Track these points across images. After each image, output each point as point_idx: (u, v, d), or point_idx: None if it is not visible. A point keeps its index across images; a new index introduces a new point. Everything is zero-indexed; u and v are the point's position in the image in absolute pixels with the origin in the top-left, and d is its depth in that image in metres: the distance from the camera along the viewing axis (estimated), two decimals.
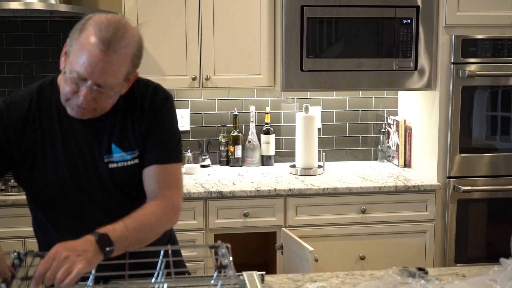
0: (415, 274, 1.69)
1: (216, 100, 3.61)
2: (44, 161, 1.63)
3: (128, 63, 1.53)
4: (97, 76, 1.49)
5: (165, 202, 1.63)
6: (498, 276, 1.63)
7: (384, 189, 3.13)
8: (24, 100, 1.64)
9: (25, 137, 1.62)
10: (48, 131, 1.64)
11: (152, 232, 1.58)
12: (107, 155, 1.64)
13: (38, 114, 1.64)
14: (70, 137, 1.64)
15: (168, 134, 1.69)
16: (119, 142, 1.65)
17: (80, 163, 1.64)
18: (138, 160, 1.67)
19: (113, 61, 1.49)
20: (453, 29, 3.15)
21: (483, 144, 3.25)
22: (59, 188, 1.65)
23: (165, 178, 1.66)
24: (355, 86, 3.29)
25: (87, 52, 1.47)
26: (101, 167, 1.65)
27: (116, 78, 1.52)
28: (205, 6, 3.20)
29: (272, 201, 3.08)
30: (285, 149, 3.69)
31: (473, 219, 3.27)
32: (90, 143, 1.65)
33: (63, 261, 1.33)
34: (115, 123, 1.65)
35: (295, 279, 1.76)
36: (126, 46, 1.50)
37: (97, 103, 1.55)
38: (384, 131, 3.70)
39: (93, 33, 1.48)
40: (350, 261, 3.15)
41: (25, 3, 2.94)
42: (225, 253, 1.47)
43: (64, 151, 1.64)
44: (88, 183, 1.66)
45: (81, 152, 1.64)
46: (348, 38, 3.19)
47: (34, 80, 3.59)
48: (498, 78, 3.17)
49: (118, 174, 1.65)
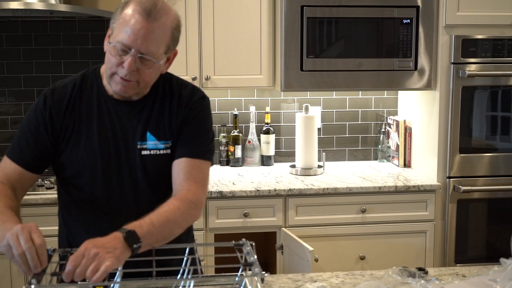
0: (415, 274, 1.69)
1: (216, 100, 3.61)
2: (78, 142, 1.69)
3: (168, 33, 1.63)
4: (139, 43, 1.57)
5: (190, 197, 1.65)
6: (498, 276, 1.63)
7: (384, 189, 3.13)
8: (67, 86, 1.73)
9: (65, 119, 1.69)
10: (85, 114, 1.70)
11: (177, 228, 1.61)
12: (141, 141, 1.71)
13: (78, 98, 1.71)
14: (106, 121, 1.70)
15: (201, 131, 1.76)
16: (155, 131, 1.71)
17: (113, 146, 1.70)
18: (170, 150, 1.72)
19: (154, 28, 1.58)
20: (453, 29, 3.15)
21: (483, 144, 3.25)
22: (89, 169, 1.70)
23: (193, 172, 1.70)
24: (355, 86, 3.29)
25: (131, 22, 1.57)
26: (133, 152, 1.70)
27: (158, 46, 1.61)
28: (205, 6, 3.20)
29: (272, 201, 3.08)
30: (285, 149, 3.70)
31: (473, 219, 3.27)
32: (125, 129, 1.71)
33: (92, 258, 1.35)
34: (152, 112, 1.72)
35: (295, 279, 1.76)
36: (165, 15, 1.61)
37: (140, 75, 1.62)
38: (384, 131, 3.70)
39: (134, 6, 1.59)
40: (350, 261, 3.15)
41: (25, 3, 2.94)
42: (250, 251, 1.48)
43: (98, 134, 1.70)
44: (117, 167, 1.70)
45: (115, 136, 1.70)
46: (348, 38, 3.19)
47: (34, 80, 3.63)
48: (498, 78, 3.17)
49: (149, 161, 1.71)
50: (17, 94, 3.45)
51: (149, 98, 1.73)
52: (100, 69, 1.76)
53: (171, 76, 1.83)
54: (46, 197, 2.87)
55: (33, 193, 2.91)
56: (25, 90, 3.45)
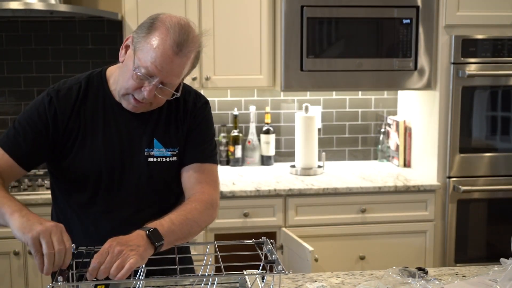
0: (415, 274, 1.69)
1: (216, 100, 3.61)
2: (83, 147, 1.68)
3: (190, 64, 1.62)
4: (165, 75, 1.56)
5: (206, 198, 1.68)
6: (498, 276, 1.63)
7: (384, 189, 3.14)
8: (73, 88, 1.70)
9: (69, 123, 1.67)
10: (91, 119, 1.69)
11: (196, 226, 1.62)
12: (148, 148, 1.70)
13: (84, 102, 1.69)
14: (112, 127, 1.69)
15: (207, 136, 1.78)
16: (162, 138, 1.72)
17: (118, 152, 1.69)
18: (176, 158, 1.73)
19: (182, 63, 1.58)
20: (453, 29, 3.15)
21: (483, 144, 3.25)
22: (93, 174, 1.69)
23: (204, 175, 1.73)
24: (355, 86, 3.29)
25: (160, 52, 1.54)
26: (139, 159, 1.70)
27: (180, 77, 1.61)
28: (205, 6, 3.20)
29: (272, 201, 3.08)
30: (285, 149, 3.70)
31: (473, 219, 3.27)
32: (131, 135, 1.70)
33: (117, 255, 1.36)
34: (159, 120, 1.72)
35: (295, 279, 1.76)
36: (193, 50, 1.60)
37: (155, 98, 1.61)
38: (384, 131, 3.70)
39: (167, 34, 1.56)
40: (350, 261, 3.15)
41: (25, 3, 2.94)
42: (271, 249, 1.49)
43: (104, 140, 1.68)
44: (121, 174, 1.69)
45: (121, 143, 1.69)
46: (348, 38, 3.19)
47: (34, 80, 3.62)
48: (498, 78, 3.17)
49: (155, 169, 1.71)
50: (17, 94, 3.45)
51: None
52: (106, 72, 1.74)
53: None
54: (46, 197, 2.87)
55: (33, 193, 2.91)
56: (25, 90, 3.45)
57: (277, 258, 1.43)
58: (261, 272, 1.47)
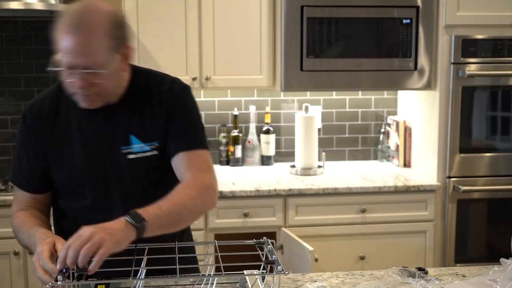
0: (415, 274, 1.69)
1: (216, 100, 3.61)
2: (62, 156, 1.66)
3: (103, 37, 1.53)
4: (78, 59, 1.51)
5: (198, 183, 1.61)
6: (498, 276, 1.63)
7: (384, 189, 3.13)
8: (45, 100, 1.69)
9: (46, 134, 1.66)
10: (66, 127, 1.67)
11: (187, 212, 1.56)
12: (126, 146, 1.66)
13: (56, 111, 1.68)
14: (87, 131, 1.66)
15: (190, 122, 1.70)
16: (138, 133, 1.66)
17: (97, 155, 1.66)
18: (157, 152, 1.67)
19: (85, 40, 1.50)
20: (453, 29, 3.15)
21: (483, 144, 3.25)
22: (78, 182, 1.67)
23: (193, 162, 1.65)
24: (355, 86, 3.29)
25: (62, 42, 1.51)
26: (118, 158, 1.65)
27: (98, 55, 1.52)
28: (205, 6, 3.20)
29: (272, 201, 3.08)
30: (285, 149, 3.69)
31: (473, 219, 3.27)
32: (107, 136, 1.66)
33: (88, 238, 1.33)
34: (132, 115, 1.67)
35: (295, 279, 1.75)
36: (95, 23, 1.52)
37: (97, 86, 1.56)
38: (384, 131, 3.70)
39: (62, 23, 1.53)
40: (350, 261, 3.15)
41: (25, 3, 2.94)
42: (271, 249, 1.49)
43: (81, 145, 1.66)
44: (104, 176, 1.66)
45: (98, 145, 1.66)
46: (348, 38, 3.19)
47: (34, 80, 3.62)
48: (498, 78, 3.17)
49: (137, 165, 1.66)
50: (17, 94, 3.45)
51: (127, 99, 1.67)
52: None
53: (148, 72, 1.76)
54: None
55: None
56: (25, 90, 3.45)
57: (277, 259, 1.43)
58: (261, 272, 1.47)
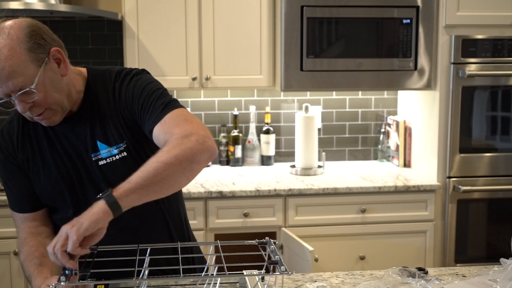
0: (415, 274, 1.69)
1: (216, 100, 3.61)
2: (37, 174, 1.65)
3: (21, 54, 1.45)
4: (6, 86, 1.45)
5: (175, 136, 1.44)
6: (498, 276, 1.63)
7: (384, 189, 3.14)
8: (13, 121, 1.67)
9: (19, 154, 1.65)
10: (36, 145, 1.65)
11: (169, 168, 1.39)
12: (94, 153, 1.61)
13: (25, 131, 1.65)
14: (57, 146, 1.64)
15: (150, 96, 1.56)
16: (103, 138, 1.61)
17: (71, 167, 1.63)
18: (126, 153, 1.61)
19: (5, 65, 1.43)
20: (453, 29, 3.15)
21: (483, 144, 3.25)
22: (57, 197, 1.65)
23: (168, 125, 1.49)
24: (355, 86, 3.29)
25: None
26: (90, 166, 1.62)
27: (23, 74, 1.45)
28: (205, 6, 3.20)
29: (272, 201, 3.08)
30: (285, 149, 3.70)
31: (473, 219, 3.27)
32: (75, 146, 1.63)
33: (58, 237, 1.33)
34: (95, 121, 1.62)
35: (295, 279, 1.75)
36: (7, 44, 1.44)
37: (40, 103, 1.50)
38: (384, 131, 3.70)
39: None
40: (350, 261, 3.15)
41: (25, 3, 2.94)
42: (274, 250, 1.48)
43: (54, 161, 1.64)
44: (81, 187, 1.64)
45: (69, 157, 1.63)
46: (348, 38, 3.20)
47: None
48: (498, 78, 3.17)
49: (109, 170, 1.62)
50: None
51: (85, 105, 1.63)
52: None
53: (103, 71, 1.68)
54: None
55: None
56: None
57: (280, 259, 1.43)
58: (264, 272, 1.47)
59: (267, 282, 1.51)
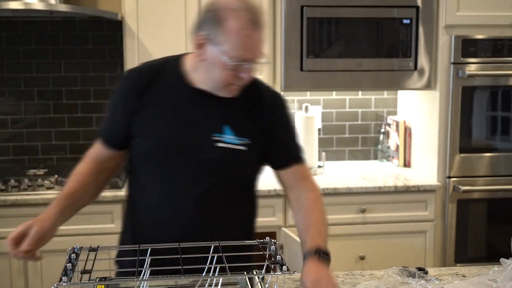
0: (415, 274, 1.69)
1: None
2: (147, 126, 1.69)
3: None
4: (258, 53, 1.62)
5: (318, 193, 1.87)
6: (498, 276, 1.63)
7: (384, 189, 3.13)
8: (147, 68, 1.78)
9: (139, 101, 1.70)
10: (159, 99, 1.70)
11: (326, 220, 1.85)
12: (218, 133, 1.68)
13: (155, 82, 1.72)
14: (180, 108, 1.69)
15: (293, 131, 1.84)
16: (233, 126, 1.70)
17: (182, 135, 1.68)
18: (246, 148, 1.71)
19: (262, 36, 1.62)
20: (453, 29, 3.15)
21: (483, 144, 3.25)
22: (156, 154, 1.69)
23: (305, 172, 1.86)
24: (355, 86, 3.29)
25: (243, 36, 1.57)
26: (205, 143, 1.68)
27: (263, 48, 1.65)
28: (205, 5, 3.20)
29: (272, 201, 3.08)
30: None
31: (473, 219, 3.27)
32: (199, 118, 1.69)
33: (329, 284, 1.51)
34: (230, 108, 1.71)
35: (295, 279, 1.75)
36: (262, 20, 1.63)
37: None
38: (384, 131, 3.70)
39: (239, 17, 1.57)
40: (350, 261, 3.15)
41: (25, 3, 2.94)
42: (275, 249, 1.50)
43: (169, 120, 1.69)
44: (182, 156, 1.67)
45: (187, 124, 1.69)
46: (348, 38, 3.19)
47: (35, 80, 3.61)
48: (498, 78, 3.17)
49: (224, 154, 1.68)
50: (17, 94, 3.45)
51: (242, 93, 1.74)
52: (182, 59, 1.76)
53: None
54: (46, 197, 2.87)
55: (33, 193, 2.91)
56: (25, 90, 3.45)
57: (281, 259, 1.44)
58: (266, 272, 1.47)
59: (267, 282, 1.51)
